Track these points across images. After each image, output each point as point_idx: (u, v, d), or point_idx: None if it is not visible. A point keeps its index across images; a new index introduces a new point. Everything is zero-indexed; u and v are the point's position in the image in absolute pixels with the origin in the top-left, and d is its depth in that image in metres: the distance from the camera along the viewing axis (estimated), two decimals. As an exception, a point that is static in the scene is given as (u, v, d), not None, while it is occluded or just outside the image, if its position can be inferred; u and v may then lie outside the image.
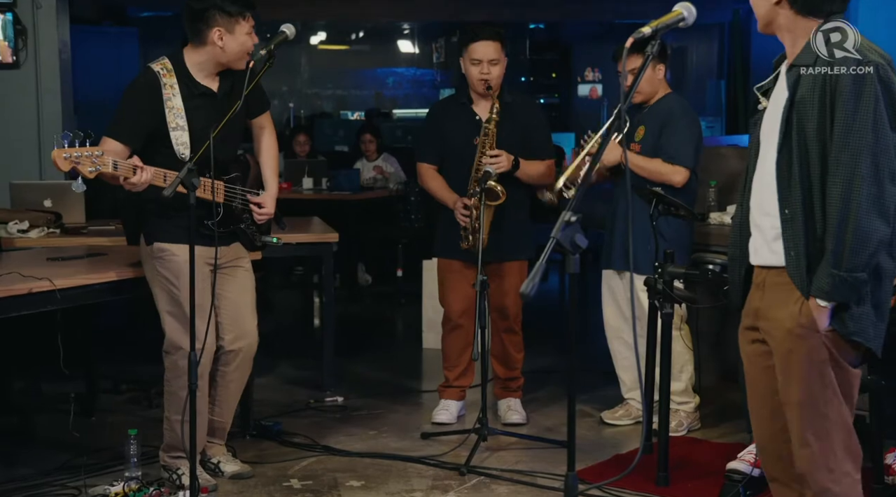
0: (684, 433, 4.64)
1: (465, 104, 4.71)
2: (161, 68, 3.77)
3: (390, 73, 14.81)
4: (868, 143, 2.51)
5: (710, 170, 5.38)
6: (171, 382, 3.88)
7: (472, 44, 4.59)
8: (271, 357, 5.87)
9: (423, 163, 4.80)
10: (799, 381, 2.68)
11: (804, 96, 2.61)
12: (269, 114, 4.17)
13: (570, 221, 2.36)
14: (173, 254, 3.79)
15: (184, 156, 3.71)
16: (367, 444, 4.58)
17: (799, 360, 2.67)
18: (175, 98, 3.74)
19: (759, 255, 2.78)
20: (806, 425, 2.70)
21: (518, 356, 4.86)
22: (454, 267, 4.73)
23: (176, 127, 3.73)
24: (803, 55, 2.65)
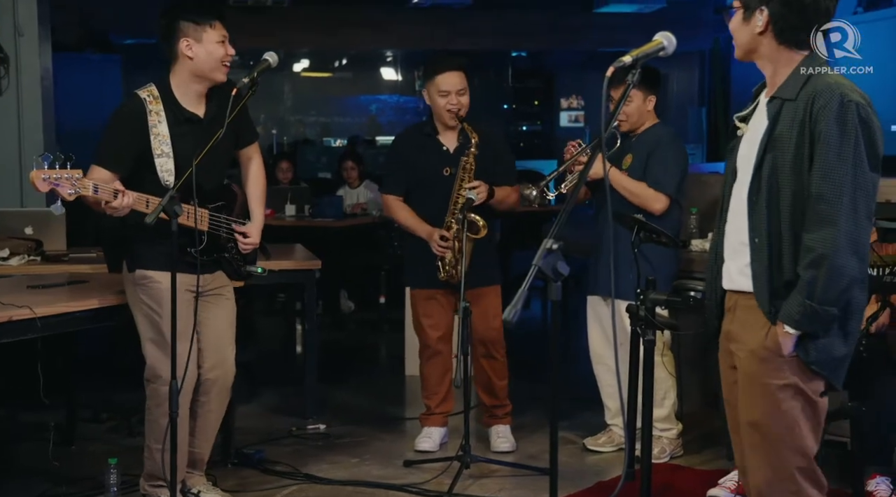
0: (667, 460, 4.64)
1: (431, 135, 4.71)
2: (147, 95, 3.76)
3: (373, 100, 14.86)
4: (848, 181, 2.54)
5: (691, 197, 5.40)
6: (151, 410, 3.85)
7: (437, 76, 4.60)
8: (253, 384, 5.84)
9: (389, 194, 4.80)
10: (757, 403, 2.71)
11: (783, 130, 2.64)
12: (258, 145, 4.17)
13: (552, 249, 2.37)
14: (156, 280, 3.77)
15: (168, 183, 3.71)
16: (349, 471, 4.55)
17: (759, 381, 2.70)
18: (161, 125, 3.73)
19: (730, 280, 2.82)
20: (760, 447, 2.72)
21: (501, 383, 4.85)
22: (427, 294, 4.74)
23: (161, 154, 3.73)
24: (786, 88, 2.68)
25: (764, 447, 2.71)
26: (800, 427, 2.68)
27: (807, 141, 2.58)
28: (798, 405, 2.67)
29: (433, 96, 4.64)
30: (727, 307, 2.85)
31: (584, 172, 2.65)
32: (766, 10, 2.67)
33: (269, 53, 3.78)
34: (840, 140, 2.54)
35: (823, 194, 2.55)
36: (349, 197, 8.79)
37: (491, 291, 4.72)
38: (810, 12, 2.65)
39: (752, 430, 2.74)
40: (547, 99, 13.85)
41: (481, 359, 4.80)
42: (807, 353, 2.63)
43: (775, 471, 2.71)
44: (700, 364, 5.35)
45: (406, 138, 4.92)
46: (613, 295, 2.78)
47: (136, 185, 3.66)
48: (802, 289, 2.57)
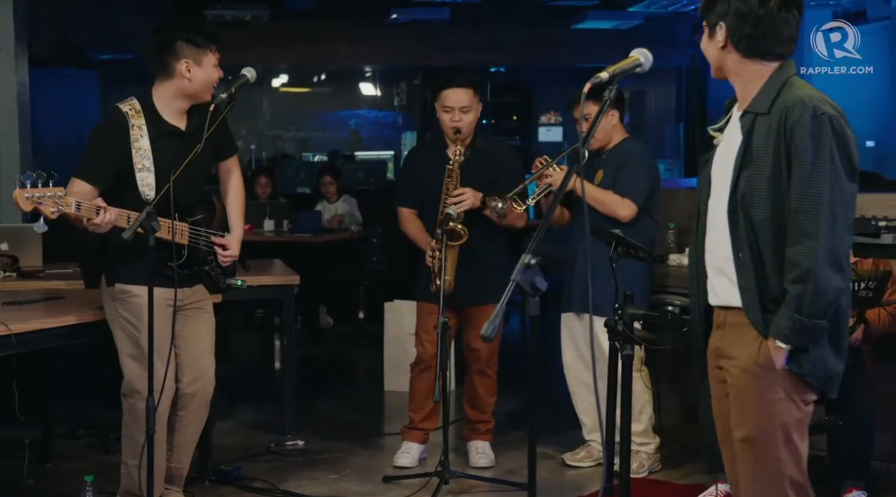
0: (645, 475, 4.64)
1: (441, 150, 4.73)
2: (129, 109, 3.76)
3: (352, 115, 14.87)
4: (825, 194, 2.55)
5: (668, 212, 5.44)
6: (128, 426, 3.83)
7: (443, 90, 4.62)
8: (231, 400, 5.81)
9: (401, 207, 4.82)
10: (751, 419, 2.72)
11: (758, 145, 2.65)
12: (237, 158, 4.17)
13: (530, 264, 2.37)
14: (135, 295, 3.75)
15: (148, 197, 3.69)
16: (328, 488, 4.53)
17: (752, 397, 2.70)
18: (143, 139, 3.73)
19: (717, 296, 2.81)
20: (753, 462, 2.72)
21: (489, 400, 4.84)
22: (428, 309, 4.73)
23: (142, 168, 3.72)
24: (757, 101, 2.69)
25: (758, 462, 2.71)
26: (794, 441, 2.69)
27: (783, 155, 2.59)
28: (792, 420, 2.68)
29: (439, 111, 4.66)
30: (716, 324, 2.85)
31: (559, 192, 2.66)
32: (724, 24, 2.69)
33: (247, 69, 3.78)
34: (815, 153, 2.55)
35: (802, 208, 2.56)
36: (327, 212, 8.78)
37: (490, 310, 4.69)
38: (766, 23, 2.65)
39: (745, 446, 2.73)
40: (525, 114, 13.88)
41: (474, 375, 4.79)
42: (800, 366, 2.64)
43: (769, 486, 2.71)
44: (677, 378, 5.36)
45: (417, 152, 5.04)
46: (591, 311, 2.78)
47: (117, 200, 3.64)
48: (791, 303, 2.58)
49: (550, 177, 4.58)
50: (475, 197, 4.53)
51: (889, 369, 4.41)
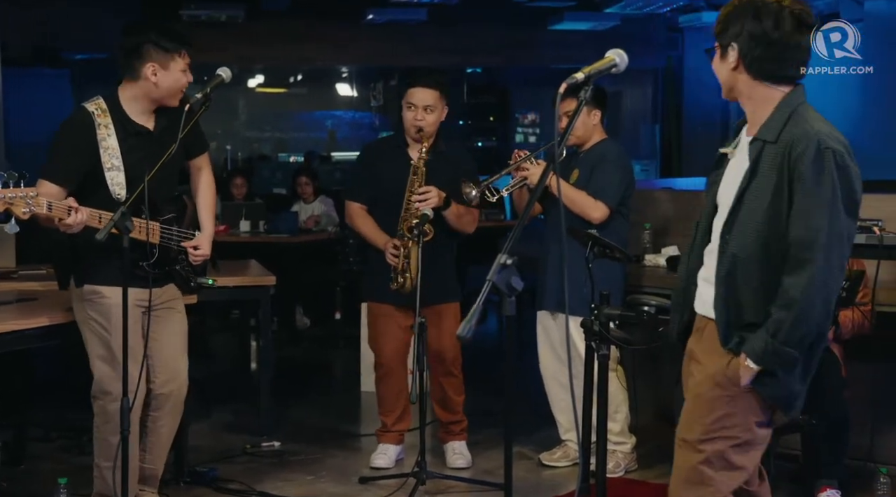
0: (622, 474, 4.66)
1: (401, 147, 4.72)
2: (95, 108, 3.73)
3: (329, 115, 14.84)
4: (823, 228, 2.55)
5: (644, 212, 5.46)
6: (100, 428, 3.80)
7: (409, 88, 4.62)
8: (207, 402, 5.78)
9: (353, 202, 4.80)
10: (698, 425, 2.75)
11: (763, 174, 2.65)
12: (208, 155, 4.15)
13: (506, 264, 2.37)
14: (104, 296, 3.73)
15: (119, 196, 3.67)
16: (304, 489, 4.52)
17: (708, 405, 2.74)
18: (110, 138, 3.70)
19: (703, 305, 2.83)
20: (688, 468, 2.75)
21: (458, 399, 4.85)
22: (384, 311, 4.72)
23: (111, 167, 3.69)
24: (766, 129, 2.68)
25: (691, 468, 2.75)
26: (731, 461, 2.72)
27: (785, 187, 2.60)
28: (739, 440, 2.71)
29: (403, 109, 4.66)
30: (696, 327, 2.87)
31: (536, 189, 2.66)
32: (736, 46, 2.68)
33: (222, 69, 3.76)
34: (817, 187, 2.55)
35: (800, 240, 2.57)
36: (304, 212, 8.76)
37: (449, 308, 4.72)
38: (778, 47, 2.65)
39: (684, 448, 2.78)
40: (502, 115, 13.91)
41: (439, 376, 4.79)
42: (763, 387, 2.66)
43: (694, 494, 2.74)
44: (652, 378, 5.38)
45: (374, 148, 4.95)
46: (567, 311, 2.78)
47: (87, 199, 3.61)
48: (770, 326, 2.60)
49: (527, 170, 4.59)
50: (439, 196, 4.54)
51: (862, 369, 4.44)
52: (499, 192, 4.65)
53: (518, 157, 4.64)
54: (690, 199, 5.82)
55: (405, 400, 4.80)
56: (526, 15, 11.23)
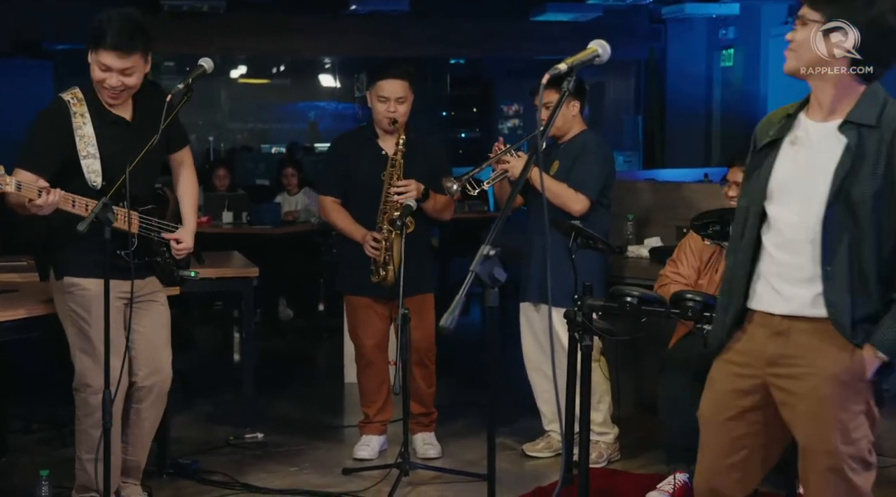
0: (604, 464, 4.68)
1: (371, 139, 4.72)
2: (71, 97, 3.72)
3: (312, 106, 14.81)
4: None
5: (626, 203, 5.47)
6: (81, 421, 3.79)
7: (379, 81, 4.61)
8: (189, 393, 5.77)
9: (326, 196, 4.79)
10: (836, 428, 2.65)
11: (870, 157, 2.58)
12: (189, 150, 4.13)
13: (489, 255, 2.37)
14: (84, 288, 3.72)
15: (95, 184, 3.66)
16: (287, 480, 4.52)
17: (836, 406, 2.64)
18: (86, 126, 3.69)
19: (788, 304, 2.70)
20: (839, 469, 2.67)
21: (429, 391, 4.86)
22: (363, 303, 4.72)
23: (87, 155, 3.68)
24: (861, 114, 2.61)
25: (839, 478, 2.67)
26: (868, 461, 2.67)
27: (894, 168, 2.56)
28: (868, 434, 2.67)
29: (374, 101, 4.65)
30: (775, 330, 2.73)
31: (518, 181, 2.66)
32: (856, 33, 2.57)
33: (204, 59, 3.74)
34: None
35: None
36: (288, 204, 8.74)
37: (424, 299, 4.71)
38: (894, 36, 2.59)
39: (831, 456, 2.66)
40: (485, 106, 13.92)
41: (414, 366, 4.79)
42: (884, 378, 2.61)
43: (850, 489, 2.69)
44: (634, 369, 5.41)
45: (345, 141, 4.92)
46: (550, 302, 2.78)
47: (64, 188, 3.59)
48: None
49: (508, 163, 4.59)
50: (418, 189, 4.54)
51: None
52: (480, 185, 4.66)
53: (498, 149, 4.65)
54: (673, 191, 5.84)
55: (387, 391, 4.81)
56: (508, 6, 11.22)
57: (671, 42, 11.73)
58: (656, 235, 5.43)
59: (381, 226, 4.57)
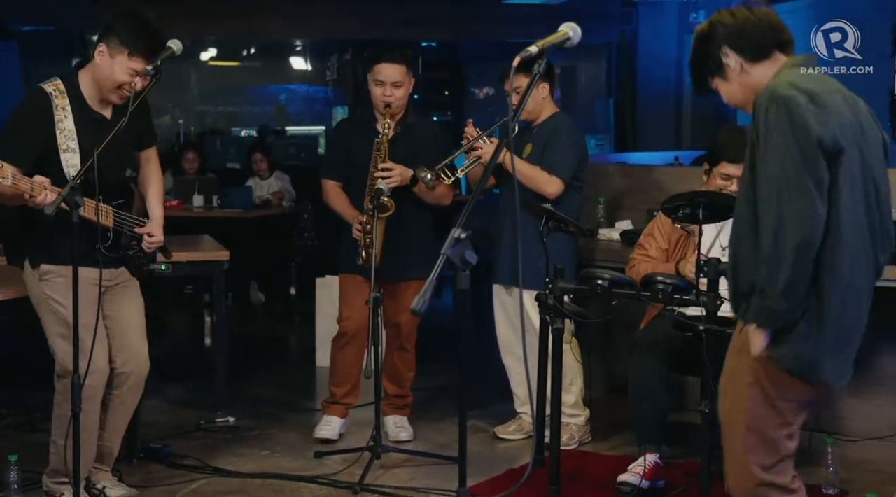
0: (576, 446, 4.70)
1: (370, 123, 4.70)
2: (53, 89, 3.68)
3: (283, 89, 14.72)
4: (775, 175, 2.54)
5: (598, 186, 5.49)
6: (61, 405, 3.77)
7: (376, 64, 4.60)
8: (160, 378, 5.73)
9: (327, 179, 4.79)
10: (725, 398, 2.80)
11: (752, 138, 2.66)
12: (156, 148, 4.11)
13: (460, 238, 2.37)
14: (60, 275, 3.70)
15: (71, 174, 3.62)
16: (258, 464, 4.51)
17: (730, 376, 2.79)
18: (67, 120, 3.66)
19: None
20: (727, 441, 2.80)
21: (409, 375, 4.86)
22: (354, 282, 4.71)
23: (67, 149, 3.65)
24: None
25: (728, 441, 2.80)
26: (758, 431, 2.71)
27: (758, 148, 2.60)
28: (759, 411, 2.70)
29: (371, 84, 4.64)
30: None
31: (488, 166, 2.66)
32: (726, 48, 2.73)
33: (172, 41, 3.70)
34: (766, 139, 2.55)
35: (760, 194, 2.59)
36: (259, 188, 8.70)
37: (414, 285, 4.69)
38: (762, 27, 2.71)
39: (723, 422, 2.81)
40: (457, 89, 13.89)
41: (395, 350, 4.80)
42: (776, 348, 2.64)
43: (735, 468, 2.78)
44: (605, 351, 5.43)
45: (347, 125, 4.99)
46: (521, 285, 2.79)
47: None
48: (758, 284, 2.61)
49: (480, 149, 4.59)
50: (403, 173, 4.52)
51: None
52: (454, 173, 4.65)
53: (470, 133, 4.64)
54: (644, 174, 5.86)
55: (357, 375, 4.81)
56: (480, -12, 11.20)
57: (642, 25, 11.73)
58: (627, 219, 5.45)
59: (366, 208, 4.57)
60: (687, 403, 5.10)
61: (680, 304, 3.81)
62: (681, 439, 4.55)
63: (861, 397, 4.67)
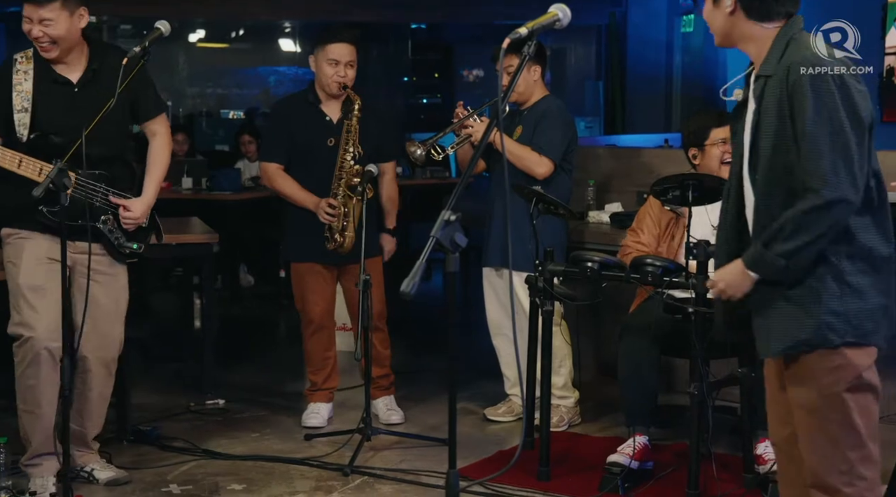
0: (565, 428, 4.72)
1: (315, 104, 4.68)
2: (22, 56, 3.78)
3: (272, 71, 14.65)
4: (825, 152, 2.49)
5: (588, 169, 5.49)
6: (16, 371, 3.80)
7: (330, 44, 4.59)
8: (150, 360, 5.74)
9: (270, 163, 4.74)
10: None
11: (767, 108, 2.60)
12: (164, 119, 4.05)
13: (450, 220, 2.37)
14: (20, 237, 3.77)
15: (21, 136, 3.70)
16: (248, 446, 4.52)
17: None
18: (26, 82, 3.72)
19: None
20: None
21: (386, 352, 4.86)
22: (312, 269, 4.70)
23: (21, 109, 3.71)
24: (766, 64, 2.64)
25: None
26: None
27: (787, 117, 2.55)
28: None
29: (321, 64, 4.61)
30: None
31: (479, 145, 2.65)
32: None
33: (160, 22, 3.69)
34: (816, 114, 2.50)
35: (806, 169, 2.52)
36: (248, 170, 8.68)
37: (375, 262, 4.68)
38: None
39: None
40: (446, 71, 13.84)
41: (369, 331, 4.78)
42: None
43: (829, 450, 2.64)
44: (595, 333, 5.45)
45: (287, 106, 4.86)
46: (511, 266, 2.79)
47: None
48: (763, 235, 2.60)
49: (471, 128, 4.59)
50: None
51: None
52: (444, 151, 4.66)
53: (461, 114, 4.64)
54: (634, 156, 5.86)
55: (334, 358, 4.82)
56: (469, -30, 11.15)
57: (632, 7, 11.70)
58: (617, 201, 5.45)
59: (337, 192, 4.55)
60: (675, 385, 5.12)
61: (669, 287, 3.82)
62: (669, 421, 4.57)
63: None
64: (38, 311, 3.67)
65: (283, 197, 4.75)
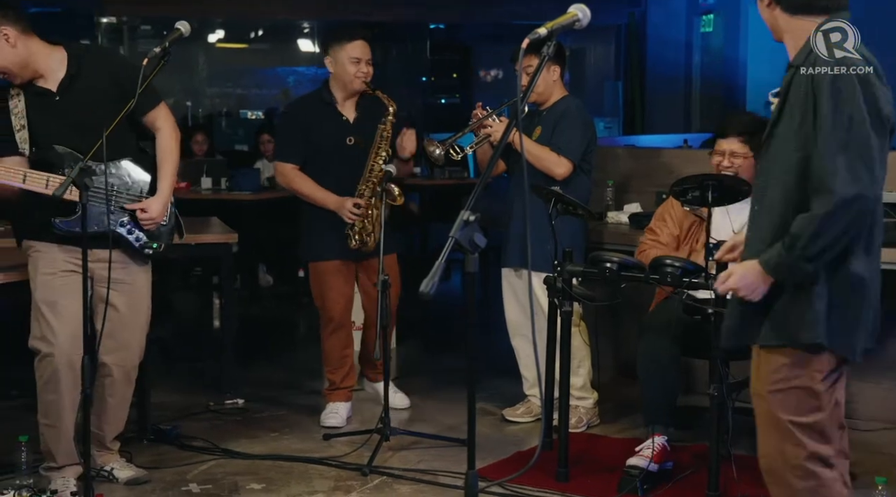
0: (584, 429, 4.71)
1: (331, 105, 4.68)
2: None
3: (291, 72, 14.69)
4: (843, 141, 2.50)
5: (607, 169, 5.47)
6: (37, 384, 3.81)
7: (351, 42, 4.60)
8: (170, 360, 5.76)
9: (286, 163, 4.73)
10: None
11: (792, 101, 2.61)
12: (163, 108, 3.93)
13: (469, 221, 2.37)
14: (37, 249, 3.78)
15: (24, 150, 3.73)
16: (267, 446, 4.53)
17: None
18: (20, 103, 3.76)
19: None
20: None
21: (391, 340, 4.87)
22: (332, 268, 4.70)
23: (20, 128, 3.75)
24: (798, 55, 2.65)
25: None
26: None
27: (810, 104, 2.55)
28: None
29: (343, 63, 4.60)
30: None
31: (499, 145, 2.64)
32: None
33: (180, 22, 3.68)
34: (835, 114, 2.50)
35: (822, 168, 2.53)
36: (267, 170, 8.69)
37: (390, 260, 4.67)
38: None
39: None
40: (465, 71, 13.85)
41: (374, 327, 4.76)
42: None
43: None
44: (614, 334, 5.43)
45: (302, 107, 4.86)
46: (530, 267, 2.78)
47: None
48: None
49: (490, 127, 4.59)
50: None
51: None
52: (463, 150, 4.66)
53: (479, 113, 4.64)
54: (653, 157, 5.84)
55: (351, 356, 4.83)
56: (487, -31, 11.15)
57: (651, 7, 11.68)
58: (636, 201, 5.43)
59: (363, 192, 4.56)
60: (695, 387, 5.09)
61: (689, 287, 3.81)
62: (689, 422, 4.56)
63: (869, 382, 4.67)
64: (54, 327, 3.70)
65: (302, 197, 4.74)
